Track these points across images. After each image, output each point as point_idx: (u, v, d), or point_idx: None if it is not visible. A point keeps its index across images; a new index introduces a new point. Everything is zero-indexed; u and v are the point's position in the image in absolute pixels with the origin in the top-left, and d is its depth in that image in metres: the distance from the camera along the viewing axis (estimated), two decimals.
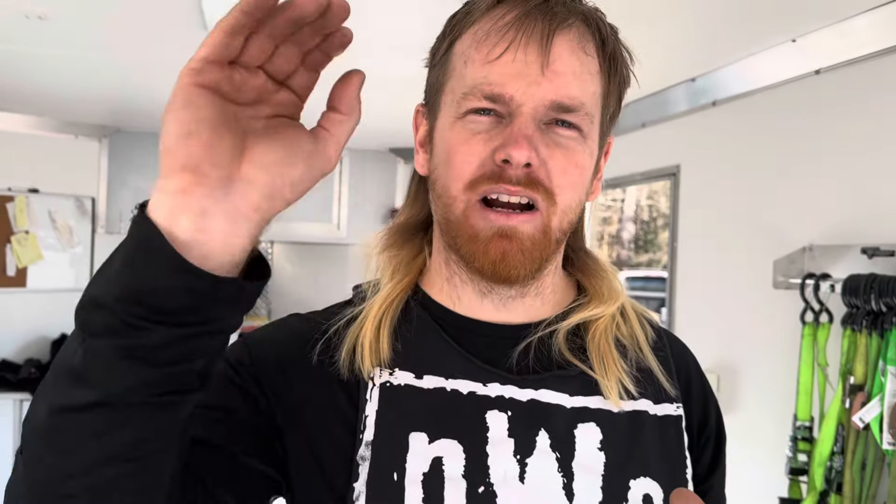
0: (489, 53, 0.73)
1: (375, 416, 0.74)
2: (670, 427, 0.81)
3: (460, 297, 0.81)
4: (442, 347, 0.78)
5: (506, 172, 0.72)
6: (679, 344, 0.91)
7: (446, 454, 0.73)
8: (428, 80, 0.82)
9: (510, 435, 0.74)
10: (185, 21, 1.97)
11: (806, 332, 1.85)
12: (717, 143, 2.44)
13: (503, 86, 0.72)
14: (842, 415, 1.71)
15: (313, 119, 0.62)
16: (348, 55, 0.61)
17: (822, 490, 1.74)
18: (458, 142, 0.74)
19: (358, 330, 0.78)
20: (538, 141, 0.72)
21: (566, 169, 0.74)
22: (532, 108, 0.72)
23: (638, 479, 0.76)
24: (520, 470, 0.73)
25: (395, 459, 0.72)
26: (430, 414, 0.74)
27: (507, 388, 0.76)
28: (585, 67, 0.74)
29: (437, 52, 0.80)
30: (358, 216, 4.34)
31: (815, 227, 1.94)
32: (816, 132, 1.99)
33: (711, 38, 2.05)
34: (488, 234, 0.73)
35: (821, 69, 1.91)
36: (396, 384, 0.76)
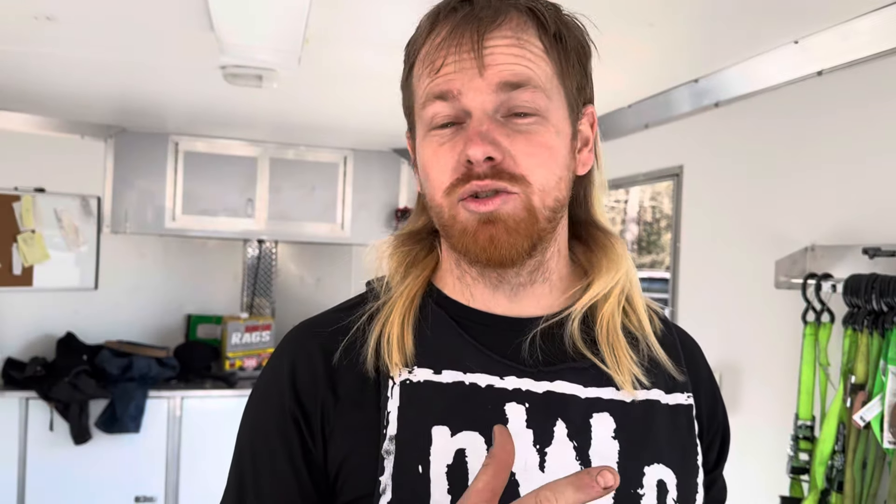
0: (432, 68, 0.78)
1: (398, 411, 0.77)
2: (681, 415, 0.84)
3: (473, 294, 0.84)
4: (458, 343, 0.81)
5: (472, 171, 0.76)
6: (687, 336, 0.94)
7: (469, 446, 0.75)
8: (403, 108, 0.87)
9: (528, 426, 0.77)
10: (192, 22, 1.99)
11: (807, 331, 1.86)
12: (719, 144, 2.45)
13: (447, 83, 0.77)
14: (843, 414, 1.72)
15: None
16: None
17: (823, 489, 1.75)
18: (429, 156, 0.79)
19: (381, 326, 0.81)
20: (497, 133, 0.76)
21: (531, 152, 0.77)
22: (482, 103, 0.76)
23: (652, 466, 0.79)
24: (539, 459, 0.76)
25: (420, 453, 0.75)
26: (451, 408, 0.77)
27: (523, 381, 0.79)
28: (525, 51, 0.77)
29: (403, 80, 0.85)
30: (362, 216, 4.36)
31: (817, 227, 1.95)
32: (818, 133, 2.00)
33: (713, 40, 2.06)
34: (474, 223, 0.77)
35: (823, 70, 1.92)
36: (416, 381, 0.78)
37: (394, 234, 0.91)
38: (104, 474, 3.60)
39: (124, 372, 3.67)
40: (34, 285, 3.78)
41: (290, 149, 4.23)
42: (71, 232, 3.90)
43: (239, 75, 2.42)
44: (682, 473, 0.81)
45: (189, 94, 3.09)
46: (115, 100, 3.27)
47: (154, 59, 2.48)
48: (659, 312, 0.91)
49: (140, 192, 4.04)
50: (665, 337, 0.87)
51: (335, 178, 4.34)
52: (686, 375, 0.86)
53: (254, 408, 0.85)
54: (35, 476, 3.51)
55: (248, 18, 1.89)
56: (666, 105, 2.58)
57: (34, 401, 3.52)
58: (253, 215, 4.19)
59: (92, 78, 2.81)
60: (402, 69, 0.86)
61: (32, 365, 3.65)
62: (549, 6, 0.81)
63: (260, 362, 4.08)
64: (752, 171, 2.26)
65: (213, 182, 4.13)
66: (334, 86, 2.77)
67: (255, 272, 4.49)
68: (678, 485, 0.80)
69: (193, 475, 3.70)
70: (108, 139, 3.97)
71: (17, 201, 3.71)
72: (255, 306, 4.48)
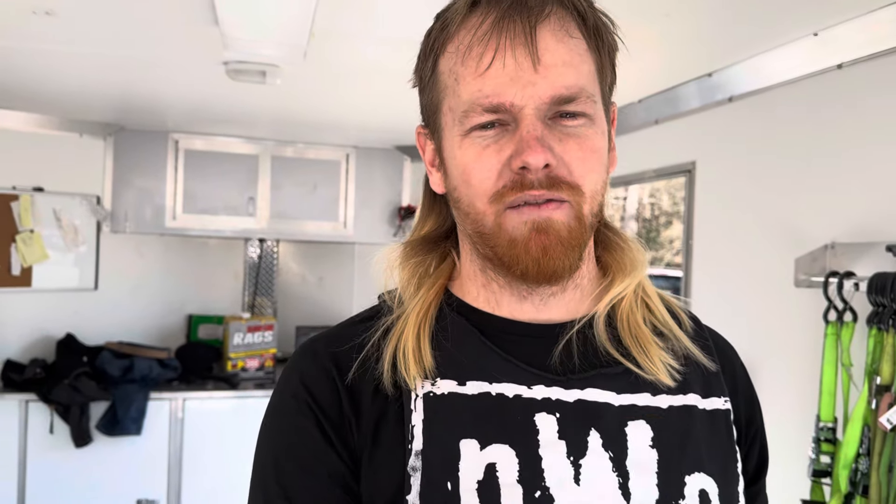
0: (478, 66, 0.72)
1: (422, 425, 0.73)
2: (720, 421, 0.80)
3: (499, 302, 0.80)
4: (481, 351, 0.77)
5: (526, 178, 0.72)
6: (720, 337, 0.90)
7: (499, 460, 0.72)
8: (422, 102, 0.82)
9: (561, 437, 0.73)
10: (195, 17, 1.94)
11: (829, 331, 1.82)
12: (734, 139, 2.41)
13: (500, 95, 0.72)
14: (868, 416, 1.67)
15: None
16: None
17: (846, 493, 1.71)
18: (470, 159, 0.74)
19: (396, 340, 0.77)
20: (550, 139, 0.72)
21: (584, 158, 0.73)
22: (534, 109, 0.72)
23: (693, 475, 0.75)
24: (574, 472, 0.72)
25: (448, 468, 0.71)
26: (479, 420, 0.73)
27: (552, 390, 0.75)
28: (574, 51, 0.74)
29: (423, 72, 0.80)
30: (364, 214, 4.31)
31: (838, 224, 1.91)
32: (838, 127, 1.96)
33: (729, 33, 2.02)
34: (525, 232, 0.73)
35: (843, 63, 1.88)
36: (440, 393, 0.75)
37: (402, 241, 0.87)
38: (105, 477, 3.55)
39: (125, 373, 3.62)
40: (33, 286, 3.73)
41: (291, 146, 4.18)
42: (70, 231, 3.85)
43: (242, 71, 2.38)
44: (723, 482, 0.78)
45: (190, 91, 3.04)
46: (115, 97, 3.22)
47: (155, 55, 2.43)
48: (688, 311, 0.87)
49: (140, 191, 3.98)
50: (696, 335, 0.84)
51: (337, 175, 4.29)
52: (721, 375, 0.83)
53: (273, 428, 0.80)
54: (35, 480, 3.46)
55: (254, 12, 1.84)
56: (676, 100, 2.53)
57: (34, 403, 3.47)
58: (254, 214, 4.14)
59: (91, 74, 2.77)
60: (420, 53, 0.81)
61: (32, 367, 3.61)
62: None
63: (262, 363, 4.03)
64: (769, 167, 2.22)
65: (213, 180, 4.08)
66: (338, 82, 2.73)
67: (256, 271, 4.44)
68: (720, 494, 0.77)
69: (196, 477, 3.65)
70: (107, 137, 3.92)
71: (16, 201, 3.66)
72: (256, 306, 4.43)
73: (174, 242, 4.25)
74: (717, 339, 0.88)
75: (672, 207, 14.98)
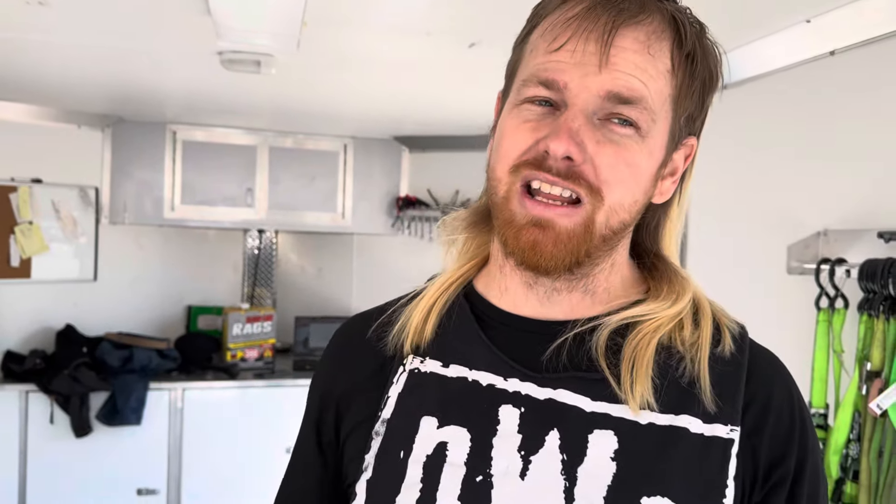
0: (551, 44, 0.73)
1: (397, 397, 0.80)
2: (715, 449, 0.74)
3: (507, 288, 0.81)
4: (472, 339, 0.80)
5: (546, 161, 0.71)
6: (768, 363, 0.84)
7: (452, 440, 0.75)
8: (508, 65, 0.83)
9: (520, 431, 0.74)
10: (188, 7, 1.94)
11: (821, 317, 1.82)
12: (727, 127, 2.40)
13: (558, 72, 0.72)
14: (858, 402, 1.68)
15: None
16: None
17: (837, 478, 1.72)
18: (509, 128, 0.75)
19: (411, 311, 0.83)
20: (586, 136, 0.71)
21: (615, 166, 0.72)
22: (584, 101, 0.71)
23: (653, 498, 0.71)
24: (522, 466, 0.73)
25: (404, 439, 0.77)
26: (446, 401, 0.78)
27: (525, 385, 0.76)
28: (651, 64, 0.72)
29: (518, 38, 0.81)
30: (363, 205, 4.31)
31: (830, 211, 1.91)
32: (831, 115, 1.95)
33: (722, 20, 2.00)
34: (522, 221, 0.74)
35: (836, 50, 1.87)
36: (424, 371, 0.81)
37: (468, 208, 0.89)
38: (106, 467, 3.57)
39: (125, 364, 3.64)
40: (32, 277, 3.75)
41: (289, 137, 4.18)
42: (69, 223, 3.86)
43: (236, 61, 2.38)
44: None
45: (186, 82, 3.04)
46: (112, 88, 3.22)
47: (150, 46, 2.44)
48: (734, 331, 0.82)
49: (138, 183, 3.99)
50: (730, 360, 0.78)
51: (335, 166, 4.29)
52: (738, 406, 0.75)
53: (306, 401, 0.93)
54: (36, 470, 3.48)
55: (245, 1, 1.84)
56: None
57: (34, 394, 3.49)
58: (253, 205, 4.15)
59: (87, 65, 2.77)
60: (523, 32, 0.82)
61: (32, 358, 3.62)
62: (694, 22, 0.77)
63: (261, 353, 4.05)
64: (762, 154, 2.21)
65: (212, 171, 4.08)
66: (334, 71, 2.72)
67: (255, 262, 4.45)
68: None
69: (196, 467, 3.67)
70: (105, 129, 3.92)
71: (14, 192, 3.67)
72: (255, 297, 4.44)
73: (173, 234, 4.26)
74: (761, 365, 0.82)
75: None
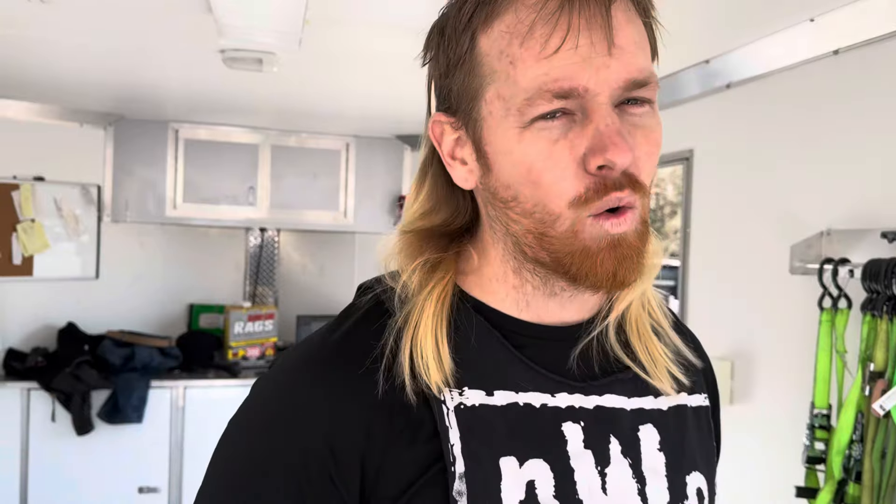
0: (544, 47, 0.64)
1: (461, 444, 0.67)
2: (703, 418, 0.81)
3: (528, 303, 0.75)
4: (505, 357, 0.72)
5: (609, 179, 0.65)
6: (692, 333, 0.90)
7: (537, 476, 0.69)
8: (445, 86, 0.72)
9: (587, 446, 0.72)
10: (190, 5, 1.94)
11: (824, 318, 1.81)
12: (731, 126, 2.40)
13: (573, 78, 0.63)
14: (861, 402, 1.67)
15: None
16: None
17: (840, 479, 1.71)
18: (538, 156, 0.65)
19: (410, 342, 0.69)
20: (625, 133, 0.65)
21: (651, 153, 0.68)
22: (607, 97, 0.64)
23: (691, 475, 0.76)
24: (601, 481, 0.71)
25: (492, 490, 0.67)
26: (513, 434, 0.69)
27: (574, 398, 0.73)
28: (639, 32, 0.69)
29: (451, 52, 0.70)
30: (365, 204, 4.31)
31: (833, 210, 1.90)
32: (834, 114, 1.94)
33: (726, 19, 2.01)
34: (602, 245, 0.67)
35: (839, 49, 1.86)
36: (471, 405, 0.69)
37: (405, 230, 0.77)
38: (107, 465, 3.57)
39: (126, 362, 3.64)
40: (34, 275, 3.74)
41: (291, 136, 4.18)
42: (71, 221, 3.86)
43: (239, 59, 2.37)
44: (709, 478, 0.79)
45: (188, 80, 3.04)
46: (114, 86, 3.22)
47: (152, 44, 2.43)
48: (669, 306, 0.86)
49: (140, 181, 3.99)
50: (680, 333, 0.84)
51: (337, 165, 4.29)
52: (700, 372, 0.83)
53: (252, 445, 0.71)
54: (37, 468, 3.48)
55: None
56: (674, 87, 2.52)
57: (36, 392, 3.49)
58: (255, 203, 4.14)
59: (89, 63, 2.77)
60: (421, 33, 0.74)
61: (34, 355, 3.63)
62: None
63: (263, 352, 4.05)
64: (766, 153, 2.21)
65: (213, 170, 4.08)
66: (336, 70, 2.72)
67: (257, 261, 4.45)
68: (708, 490, 0.78)
69: (197, 465, 3.66)
70: (107, 127, 3.92)
71: (16, 190, 3.67)
72: (257, 295, 4.44)
73: (175, 232, 4.26)
74: (692, 336, 0.88)
75: (677, 197, 14.95)
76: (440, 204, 0.78)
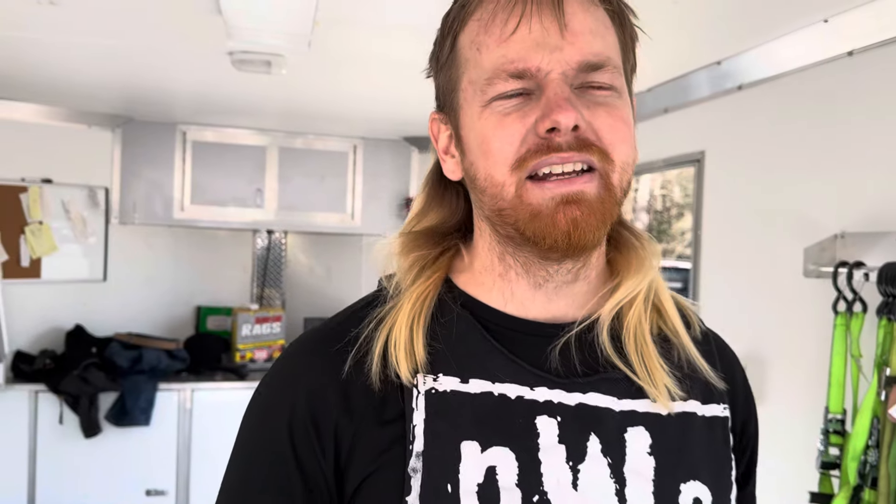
0: (502, 31, 0.70)
1: (424, 425, 0.71)
2: (718, 428, 0.79)
3: (514, 293, 0.77)
4: (486, 349, 0.75)
5: (553, 141, 0.68)
6: (725, 344, 0.89)
7: (499, 463, 0.70)
8: (438, 86, 0.79)
9: (561, 441, 0.72)
10: (199, 7, 1.93)
11: (838, 322, 1.79)
12: (743, 128, 2.38)
13: (526, 59, 0.69)
14: (877, 407, 1.65)
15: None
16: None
17: (855, 485, 1.69)
18: (490, 127, 0.71)
19: (387, 332, 0.74)
20: (578, 103, 0.69)
21: (614, 125, 0.71)
22: (561, 73, 0.69)
23: (688, 483, 0.75)
24: (573, 477, 0.71)
25: (449, 470, 0.70)
26: (480, 421, 0.72)
27: (554, 393, 0.74)
28: (600, 21, 0.72)
29: (441, 54, 0.77)
30: (372, 206, 4.30)
31: (848, 213, 1.88)
32: (848, 116, 1.92)
33: (738, 19, 1.99)
34: (551, 205, 0.70)
35: (854, 50, 1.84)
36: (442, 390, 0.72)
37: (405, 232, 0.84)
38: (114, 468, 3.56)
39: (134, 364, 3.63)
40: (42, 277, 3.75)
41: (298, 137, 4.17)
42: (79, 223, 3.86)
43: (247, 61, 2.37)
44: (717, 490, 0.77)
45: (196, 82, 3.03)
46: (122, 88, 3.22)
47: (160, 46, 2.43)
48: (696, 313, 0.86)
49: (148, 183, 3.99)
50: (703, 342, 0.83)
51: (345, 167, 4.28)
52: (722, 384, 0.81)
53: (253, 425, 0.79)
54: (45, 470, 3.48)
55: (256, 0, 1.83)
56: (686, 89, 2.50)
57: (43, 394, 3.48)
58: (262, 205, 4.14)
59: (97, 65, 2.76)
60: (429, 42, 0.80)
61: (41, 358, 3.62)
62: None
63: (271, 354, 4.04)
64: (778, 156, 2.19)
65: (221, 172, 4.08)
66: (344, 72, 2.71)
67: (264, 263, 4.45)
68: (713, 502, 0.76)
69: (204, 468, 3.66)
70: (115, 129, 3.92)
71: (24, 192, 3.67)
72: (265, 297, 4.44)
73: (182, 234, 4.26)
74: (720, 345, 0.87)
75: (684, 199, 14.91)
76: (437, 204, 0.84)
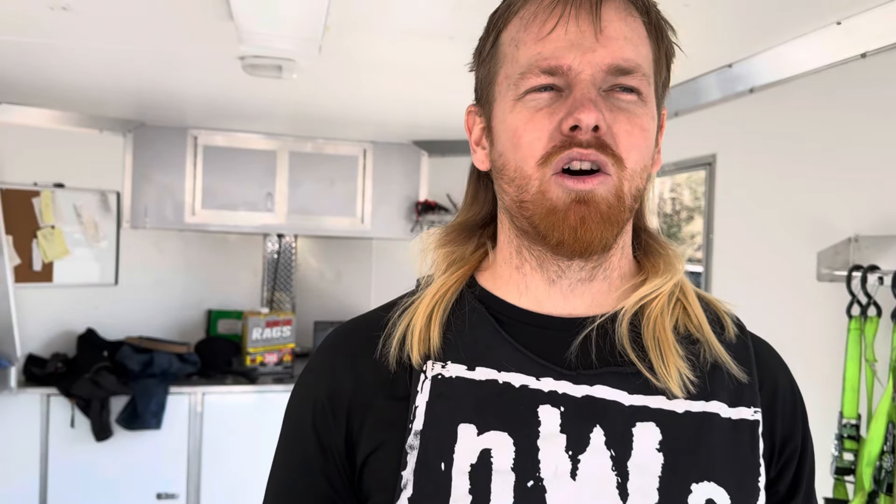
0: (540, 31, 0.74)
1: (425, 406, 0.75)
2: (744, 432, 0.77)
3: (528, 287, 0.80)
4: (495, 340, 0.78)
5: (575, 138, 0.71)
6: (767, 348, 0.87)
7: (495, 446, 0.72)
8: (477, 78, 0.83)
9: (563, 430, 0.73)
10: (210, 12, 1.94)
11: (852, 326, 1.78)
12: (755, 131, 2.37)
13: (559, 58, 0.72)
14: (892, 413, 1.64)
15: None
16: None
17: (870, 491, 1.68)
18: (521, 121, 0.74)
19: (409, 319, 0.79)
20: (602, 105, 0.72)
21: (631, 132, 0.73)
22: (590, 75, 0.72)
23: (701, 484, 0.74)
24: (572, 466, 0.72)
25: (443, 449, 0.73)
26: (481, 406, 0.74)
27: (560, 384, 0.75)
28: (635, 31, 0.75)
29: (483, 49, 0.81)
30: (382, 209, 4.31)
31: (862, 216, 1.87)
32: (862, 118, 1.91)
33: (749, 22, 1.98)
34: (567, 202, 0.73)
35: (867, 52, 1.83)
36: (448, 376, 0.76)
37: (442, 225, 0.88)
38: (126, 471, 3.57)
39: (145, 368, 3.64)
40: (54, 281, 3.77)
41: (309, 142, 4.19)
42: (90, 227, 3.88)
43: (258, 66, 2.37)
44: (737, 494, 0.75)
45: (208, 87, 3.05)
46: (134, 93, 3.24)
47: (171, 51, 2.44)
48: (734, 317, 0.85)
49: (159, 187, 4.01)
50: (738, 344, 0.81)
51: (355, 171, 4.29)
52: (756, 388, 0.79)
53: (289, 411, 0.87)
54: (57, 473, 3.49)
55: (268, 4, 1.83)
56: (696, 92, 2.50)
57: (55, 397, 3.50)
58: (272, 209, 4.15)
59: (109, 70, 2.78)
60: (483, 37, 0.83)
61: (53, 361, 3.64)
62: None
63: (281, 357, 4.04)
64: (791, 159, 2.18)
65: (232, 176, 4.09)
66: (354, 76, 2.71)
67: (275, 267, 4.46)
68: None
69: (215, 471, 3.67)
70: (126, 134, 3.94)
71: (37, 197, 3.69)
72: (275, 301, 4.44)
73: (193, 238, 4.27)
74: (762, 351, 0.85)
75: (693, 202, 14.90)
76: (474, 200, 0.89)
